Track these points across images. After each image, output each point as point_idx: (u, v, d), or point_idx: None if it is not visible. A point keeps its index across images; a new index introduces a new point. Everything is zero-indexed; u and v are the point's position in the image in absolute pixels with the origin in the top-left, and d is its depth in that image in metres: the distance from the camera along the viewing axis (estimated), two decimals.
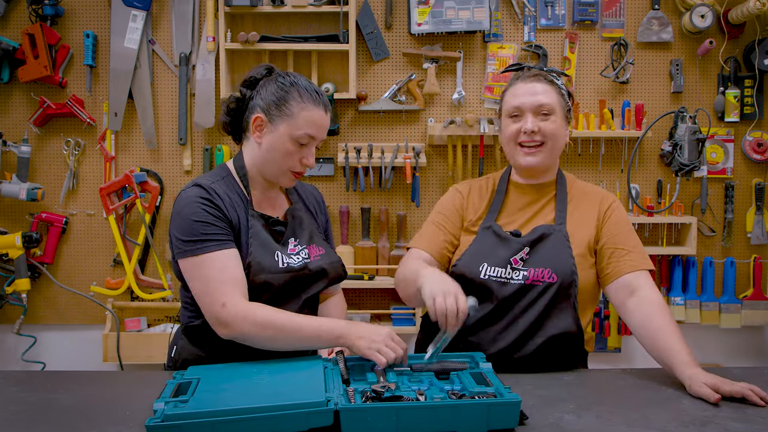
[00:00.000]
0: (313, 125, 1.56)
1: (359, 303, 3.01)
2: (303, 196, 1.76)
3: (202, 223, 1.49)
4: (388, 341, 1.41)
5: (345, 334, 1.44)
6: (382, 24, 2.93)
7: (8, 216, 2.97)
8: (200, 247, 1.49)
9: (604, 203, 1.72)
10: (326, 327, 1.47)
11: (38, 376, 1.71)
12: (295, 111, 1.54)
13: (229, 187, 1.59)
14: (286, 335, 1.46)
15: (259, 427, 1.16)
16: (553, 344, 1.63)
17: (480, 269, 1.64)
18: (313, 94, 1.57)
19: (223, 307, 1.46)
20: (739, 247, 3.03)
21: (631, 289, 1.61)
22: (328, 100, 1.63)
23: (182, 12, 2.91)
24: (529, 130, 1.65)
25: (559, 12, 2.94)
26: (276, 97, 1.55)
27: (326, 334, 1.46)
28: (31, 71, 2.83)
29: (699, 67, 2.98)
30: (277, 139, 1.55)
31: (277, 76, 1.60)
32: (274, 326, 1.46)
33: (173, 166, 2.98)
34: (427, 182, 2.99)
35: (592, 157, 2.99)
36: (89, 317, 2.99)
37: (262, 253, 1.55)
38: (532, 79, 1.69)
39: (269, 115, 1.56)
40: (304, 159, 1.58)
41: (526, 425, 1.24)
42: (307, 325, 1.48)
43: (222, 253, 1.49)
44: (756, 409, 1.33)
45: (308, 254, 1.63)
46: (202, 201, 1.51)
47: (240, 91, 1.63)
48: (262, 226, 1.58)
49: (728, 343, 3.09)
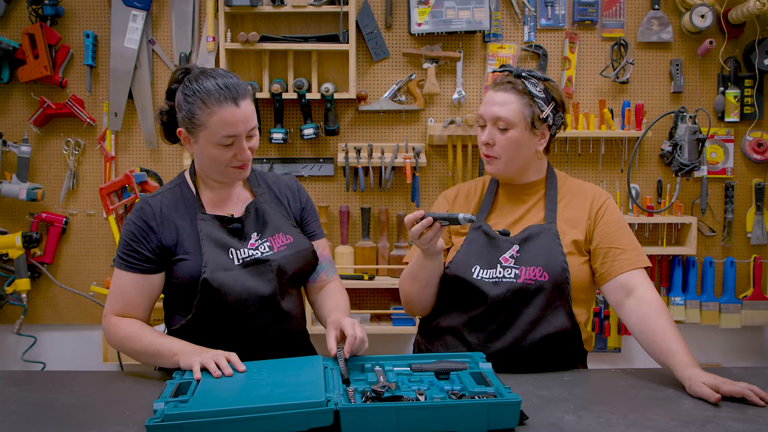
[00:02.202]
0: (227, 125, 1.53)
1: (359, 303, 3.00)
2: (273, 187, 1.76)
3: (126, 243, 1.61)
4: (219, 358, 1.43)
5: (179, 352, 1.50)
6: (382, 24, 2.93)
7: (8, 216, 2.96)
8: (118, 261, 1.63)
9: (596, 202, 1.71)
10: (167, 347, 1.53)
11: (38, 376, 1.72)
12: (204, 120, 1.53)
13: (178, 196, 1.65)
14: (136, 353, 1.59)
15: (259, 427, 1.16)
16: (549, 343, 1.63)
17: (472, 271, 1.64)
18: (219, 92, 1.52)
19: (104, 318, 1.64)
20: (739, 247, 3.03)
21: (627, 289, 1.61)
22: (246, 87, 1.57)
23: (182, 12, 2.91)
24: (483, 142, 1.69)
25: (559, 12, 2.94)
26: (185, 111, 1.56)
27: (165, 352, 1.53)
28: (31, 71, 2.83)
29: (699, 67, 2.98)
30: (203, 148, 1.58)
31: (185, 85, 1.57)
32: (129, 342, 1.59)
33: (173, 166, 2.98)
34: (427, 182, 2.99)
35: (592, 157, 2.99)
36: (89, 317, 2.99)
37: (215, 251, 1.58)
38: (500, 88, 1.69)
39: (188, 129, 1.58)
40: (238, 155, 1.57)
41: (526, 425, 1.25)
42: (153, 345, 1.56)
43: (126, 274, 1.61)
44: (756, 409, 1.33)
45: (270, 246, 1.64)
46: (134, 221, 1.61)
47: (166, 103, 1.65)
48: (216, 226, 1.61)
49: (728, 343, 3.09)
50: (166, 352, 1.52)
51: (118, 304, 1.62)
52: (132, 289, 1.61)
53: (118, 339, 1.60)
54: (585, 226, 1.68)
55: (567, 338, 1.66)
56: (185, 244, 1.60)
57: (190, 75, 1.58)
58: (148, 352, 1.56)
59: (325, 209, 2.93)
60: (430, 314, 1.76)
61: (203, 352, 1.46)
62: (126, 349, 1.60)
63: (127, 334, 1.59)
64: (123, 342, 1.60)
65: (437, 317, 1.73)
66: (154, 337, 1.57)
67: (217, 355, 1.44)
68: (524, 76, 1.69)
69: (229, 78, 1.56)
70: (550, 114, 1.70)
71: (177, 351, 1.50)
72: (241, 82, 1.58)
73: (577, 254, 1.66)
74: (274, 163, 2.95)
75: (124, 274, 1.61)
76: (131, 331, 1.59)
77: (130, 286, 1.61)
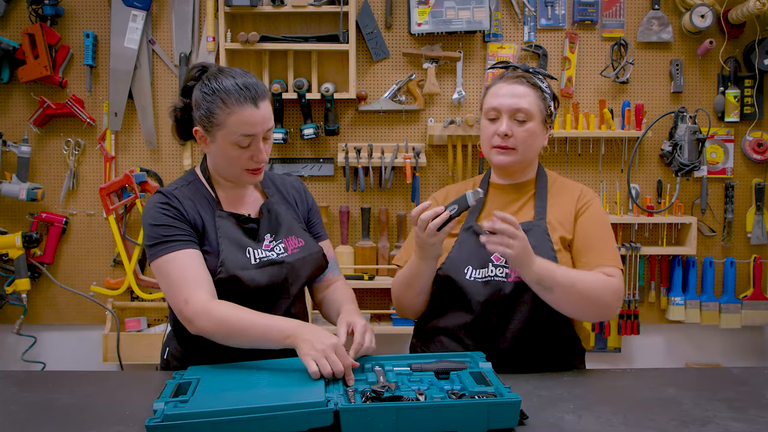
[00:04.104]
0: (245, 125, 1.51)
1: (359, 303, 2.94)
2: (281, 188, 1.75)
3: (162, 226, 1.52)
4: (329, 353, 1.35)
5: (293, 334, 1.40)
6: (382, 24, 2.93)
7: (8, 216, 2.97)
8: (162, 248, 1.52)
9: (581, 200, 1.71)
10: (276, 326, 1.43)
11: (38, 376, 1.71)
12: (223, 119, 1.51)
13: (194, 192, 1.61)
14: (237, 334, 1.45)
15: (259, 427, 1.16)
16: (544, 340, 1.63)
17: (465, 271, 1.64)
18: (238, 92, 1.50)
19: (186, 303, 1.47)
20: (739, 247, 3.03)
21: None
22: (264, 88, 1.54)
23: (182, 12, 2.91)
24: (503, 132, 1.65)
25: (559, 12, 2.94)
26: (204, 110, 1.53)
27: (275, 334, 1.42)
28: (31, 71, 2.83)
29: (699, 67, 2.98)
30: (219, 148, 1.55)
31: (203, 83, 1.54)
32: (227, 324, 1.45)
33: (173, 166, 2.98)
34: (427, 182, 2.99)
35: (592, 157, 2.99)
36: (89, 317, 2.99)
37: (233, 250, 1.56)
38: (514, 81, 1.68)
39: (205, 128, 1.55)
40: (254, 156, 1.55)
41: (526, 425, 1.25)
42: (259, 323, 1.45)
43: (183, 252, 1.51)
44: (756, 409, 1.33)
45: (285, 248, 1.63)
46: (160, 206, 1.55)
47: (181, 100, 1.62)
48: (233, 224, 1.59)
49: (728, 343, 3.09)
50: (276, 334, 1.42)
51: (197, 284, 1.48)
52: (197, 263, 1.50)
53: (211, 322, 1.45)
54: (570, 223, 1.68)
55: (562, 335, 1.66)
56: (210, 237, 1.56)
57: (208, 73, 1.56)
58: (253, 334, 1.44)
59: (325, 209, 2.93)
60: (425, 316, 1.76)
61: (317, 343, 1.36)
62: (223, 332, 1.45)
63: (222, 315, 1.45)
64: (219, 326, 1.45)
65: (432, 319, 1.73)
66: (256, 317, 1.46)
67: (328, 351, 1.35)
68: (532, 72, 1.71)
69: (248, 78, 1.54)
70: (553, 111, 1.73)
71: (289, 333, 1.40)
72: (260, 83, 1.55)
73: (565, 251, 1.66)
74: (274, 163, 2.95)
75: (179, 254, 1.50)
76: (227, 311, 1.46)
77: (192, 261, 1.50)
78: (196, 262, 1.51)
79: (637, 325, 2.98)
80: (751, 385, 1.47)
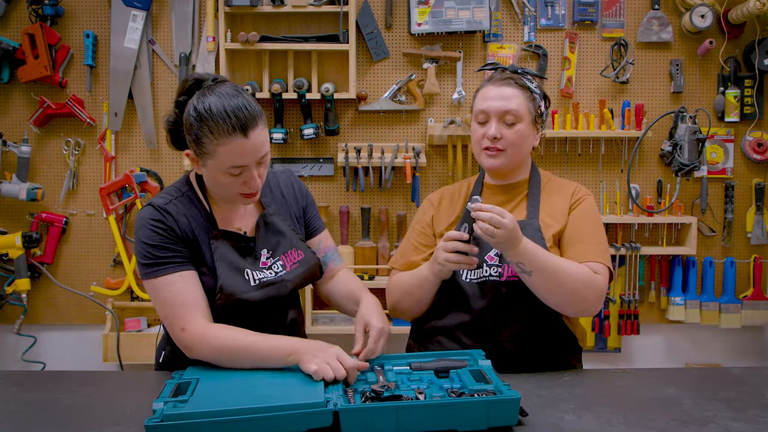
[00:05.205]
0: (235, 155, 1.43)
1: None
2: (275, 190, 1.70)
3: (155, 247, 1.48)
4: (332, 359, 1.35)
5: (294, 351, 1.39)
6: (382, 24, 2.93)
7: (8, 216, 2.96)
8: (155, 270, 1.48)
9: (576, 194, 1.72)
10: (278, 346, 1.42)
11: (38, 376, 1.71)
12: (212, 149, 1.44)
13: (187, 205, 1.55)
14: (237, 358, 1.44)
15: (258, 427, 1.16)
16: (540, 338, 1.64)
17: (461, 273, 1.65)
18: (226, 121, 1.41)
19: (183, 331, 1.46)
20: (739, 247, 3.03)
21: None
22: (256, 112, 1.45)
23: (182, 12, 2.91)
24: (491, 135, 1.66)
25: (559, 12, 2.94)
26: (193, 135, 1.46)
27: (277, 353, 1.41)
28: (31, 71, 2.83)
29: (699, 67, 2.98)
30: (211, 174, 1.49)
31: (193, 104, 1.46)
32: (226, 350, 1.44)
33: (173, 166, 2.98)
34: (427, 182, 2.99)
35: (592, 157, 2.99)
36: (89, 317, 2.99)
37: (231, 274, 1.52)
38: (502, 83, 1.68)
39: (195, 152, 1.49)
40: (248, 183, 1.48)
41: (526, 425, 1.24)
42: (260, 345, 1.43)
43: (178, 275, 1.48)
44: (756, 408, 1.33)
45: (283, 264, 1.60)
46: (153, 224, 1.49)
47: (174, 112, 1.56)
48: (229, 246, 1.54)
49: (728, 343, 3.09)
50: (278, 354, 1.41)
51: (193, 309, 1.46)
52: (192, 287, 1.48)
53: (211, 349, 1.44)
54: (564, 216, 1.69)
55: (558, 334, 1.67)
56: (205, 256, 1.53)
57: (201, 89, 1.48)
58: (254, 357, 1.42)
59: (325, 209, 2.93)
60: (422, 317, 1.76)
61: (319, 353, 1.37)
62: (224, 358, 1.44)
63: (222, 342, 1.44)
64: (219, 352, 1.44)
65: (430, 320, 1.73)
66: (257, 339, 1.44)
67: (331, 358, 1.35)
68: (521, 73, 1.71)
69: (239, 99, 1.44)
70: (544, 110, 1.72)
71: (290, 351, 1.40)
72: (252, 104, 1.45)
73: (558, 248, 1.66)
74: (274, 163, 2.95)
75: (174, 277, 1.47)
76: (226, 336, 1.44)
77: (187, 285, 1.48)
78: (191, 286, 1.48)
79: (637, 325, 2.98)
80: (751, 385, 1.47)
